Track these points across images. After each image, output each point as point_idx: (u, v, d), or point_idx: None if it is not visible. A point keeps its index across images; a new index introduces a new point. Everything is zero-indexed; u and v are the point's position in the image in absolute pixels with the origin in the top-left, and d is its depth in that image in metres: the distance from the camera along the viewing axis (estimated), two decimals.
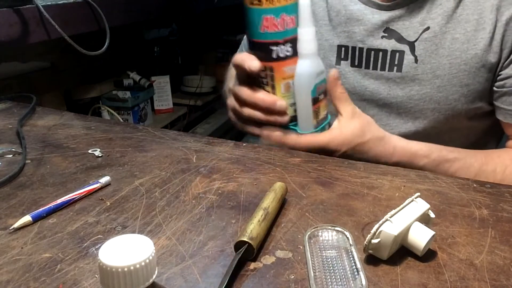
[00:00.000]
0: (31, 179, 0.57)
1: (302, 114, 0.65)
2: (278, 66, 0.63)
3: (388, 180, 0.57)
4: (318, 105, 0.65)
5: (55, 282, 0.39)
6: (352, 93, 0.77)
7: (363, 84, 0.76)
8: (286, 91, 0.65)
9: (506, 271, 0.41)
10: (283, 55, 0.62)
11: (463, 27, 0.69)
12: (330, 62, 0.78)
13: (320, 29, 0.78)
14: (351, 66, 0.77)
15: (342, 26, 0.77)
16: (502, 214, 0.50)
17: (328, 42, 0.78)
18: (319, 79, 0.64)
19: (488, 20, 0.68)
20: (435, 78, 0.71)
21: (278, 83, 0.64)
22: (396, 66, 0.73)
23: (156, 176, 0.58)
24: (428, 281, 0.39)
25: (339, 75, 0.65)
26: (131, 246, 0.26)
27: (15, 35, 0.96)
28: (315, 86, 0.63)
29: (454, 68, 0.70)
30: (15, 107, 0.84)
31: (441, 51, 0.70)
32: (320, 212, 0.50)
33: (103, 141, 0.68)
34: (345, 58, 0.77)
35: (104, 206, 0.51)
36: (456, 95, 0.71)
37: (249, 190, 0.54)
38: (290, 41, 0.62)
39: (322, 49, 0.77)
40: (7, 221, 0.47)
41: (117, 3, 1.27)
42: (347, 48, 0.77)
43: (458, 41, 0.70)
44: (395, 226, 0.40)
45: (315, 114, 0.65)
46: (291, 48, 0.62)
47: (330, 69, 0.66)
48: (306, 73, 0.63)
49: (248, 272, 0.40)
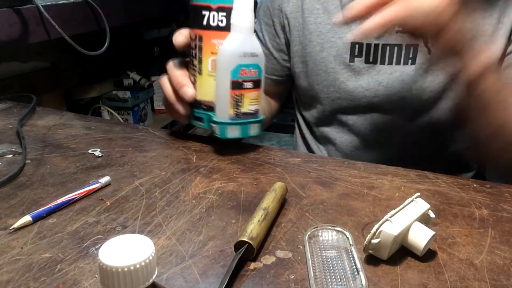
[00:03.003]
0: (31, 179, 0.57)
1: (218, 97, 0.59)
2: (208, 36, 0.58)
3: (388, 180, 0.57)
4: (240, 92, 0.58)
5: (55, 282, 0.39)
6: (365, 89, 0.77)
7: (377, 79, 0.76)
8: (214, 70, 0.59)
9: (506, 271, 0.41)
10: (215, 24, 0.57)
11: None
12: (343, 60, 0.78)
13: (334, 27, 0.78)
14: (365, 63, 0.77)
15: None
16: (502, 214, 0.50)
17: (342, 40, 0.78)
18: (246, 61, 0.57)
19: (495, 6, 0.69)
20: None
21: (206, 56, 0.59)
22: (410, 60, 0.74)
23: (156, 176, 0.58)
24: (428, 281, 0.39)
25: None
26: (131, 246, 0.26)
27: (15, 35, 0.96)
28: (239, 67, 0.57)
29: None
30: (15, 107, 0.84)
31: None
32: (320, 212, 0.50)
33: (103, 141, 0.68)
34: (359, 55, 0.77)
35: (104, 206, 0.51)
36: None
37: (249, 190, 0.54)
38: (225, 10, 0.56)
39: (335, 46, 0.78)
40: (7, 221, 0.47)
41: (117, 3, 1.27)
42: (361, 45, 0.76)
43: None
44: (395, 226, 0.40)
45: (235, 103, 0.58)
46: (225, 18, 0.57)
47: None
48: (230, 48, 0.56)
49: (248, 272, 0.40)
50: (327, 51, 0.78)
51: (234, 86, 0.57)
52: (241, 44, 0.56)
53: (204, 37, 0.58)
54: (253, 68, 0.58)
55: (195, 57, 0.60)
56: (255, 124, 0.62)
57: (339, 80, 0.78)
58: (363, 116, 0.80)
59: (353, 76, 0.77)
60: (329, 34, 0.78)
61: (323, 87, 0.80)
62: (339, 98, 0.80)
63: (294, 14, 0.81)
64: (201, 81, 0.61)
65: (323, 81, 0.80)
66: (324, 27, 0.79)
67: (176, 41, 0.61)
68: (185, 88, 0.61)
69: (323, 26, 0.79)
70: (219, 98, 0.58)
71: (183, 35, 0.61)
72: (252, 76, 0.58)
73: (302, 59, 0.82)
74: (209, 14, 0.57)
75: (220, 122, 0.60)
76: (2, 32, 0.92)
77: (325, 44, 0.78)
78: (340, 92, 0.79)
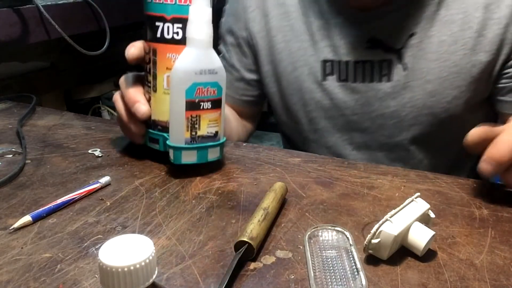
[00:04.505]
0: (31, 179, 0.57)
1: (172, 119, 0.53)
2: (162, 50, 0.53)
3: (388, 180, 0.57)
4: (196, 113, 0.53)
5: (55, 282, 0.39)
6: (343, 108, 0.74)
7: (353, 98, 0.73)
8: (169, 87, 0.53)
9: (506, 271, 0.41)
10: (170, 36, 0.52)
11: (449, 28, 0.68)
12: (316, 78, 0.75)
13: (303, 44, 0.75)
14: (338, 81, 0.74)
15: (325, 40, 0.73)
16: (502, 214, 0.50)
17: (313, 58, 0.74)
18: (203, 79, 0.52)
19: (474, 18, 0.66)
20: (426, 83, 0.70)
21: (161, 72, 0.54)
22: (385, 76, 0.71)
23: (156, 176, 0.58)
24: (428, 281, 0.39)
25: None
26: (131, 246, 0.26)
27: (15, 35, 0.96)
28: (194, 85, 0.51)
29: (444, 71, 0.69)
30: (15, 107, 0.84)
31: (429, 55, 0.69)
32: (320, 212, 0.50)
33: (103, 141, 0.68)
34: (331, 73, 0.74)
35: (104, 206, 0.51)
36: (449, 98, 0.70)
37: (249, 190, 0.54)
38: (181, 22, 0.52)
39: (306, 65, 0.75)
40: (7, 221, 0.47)
41: (117, 3, 1.27)
42: (333, 63, 0.73)
43: (445, 43, 0.68)
44: (395, 226, 0.40)
45: (191, 125, 0.53)
46: (181, 30, 0.52)
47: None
48: (184, 64, 0.51)
49: (248, 272, 0.40)
50: (299, 70, 0.76)
51: (189, 107, 0.52)
52: (197, 60, 0.51)
53: (158, 50, 0.54)
54: (212, 87, 0.53)
55: (149, 72, 0.55)
56: (215, 148, 0.57)
57: (315, 99, 0.76)
58: (342, 137, 0.78)
59: (328, 95, 0.75)
60: (299, 52, 0.75)
61: (300, 107, 0.78)
62: (317, 117, 0.77)
63: (261, 34, 0.78)
64: (156, 99, 0.56)
65: (299, 101, 0.77)
66: (293, 45, 0.76)
67: (128, 54, 0.56)
68: (137, 104, 0.56)
69: (292, 45, 0.76)
70: (173, 120, 0.53)
71: (136, 47, 0.57)
72: (211, 95, 0.53)
73: (275, 78, 0.79)
74: (163, 26, 0.52)
75: (174, 146, 0.54)
76: (2, 32, 0.92)
77: (297, 63, 0.75)
78: (317, 111, 0.77)
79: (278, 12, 0.77)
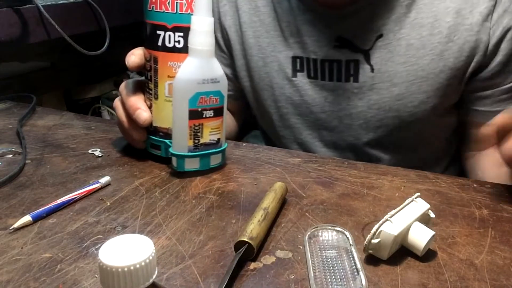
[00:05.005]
0: (31, 179, 0.57)
1: (175, 128, 0.54)
2: (164, 58, 0.54)
3: (388, 180, 0.57)
4: (199, 122, 0.53)
5: (55, 282, 0.39)
6: (312, 105, 0.74)
7: (322, 95, 0.73)
8: (171, 94, 0.54)
9: (506, 271, 0.41)
10: (171, 45, 0.53)
11: (418, 32, 0.66)
12: (286, 75, 0.74)
13: (273, 40, 0.74)
14: (308, 78, 0.73)
15: (294, 37, 0.73)
16: (502, 214, 0.50)
17: (282, 54, 0.74)
18: (206, 88, 0.52)
19: (444, 23, 0.65)
20: (393, 86, 0.69)
21: (162, 80, 0.55)
22: (352, 76, 0.70)
23: (156, 176, 0.58)
24: (428, 281, 0.39)
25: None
26: (131, 246, 0.26)
27: (15, 35, 0.96)
28: (197, 95, 0.52)
29: (411, 75, 0.67)
30: (15, 107, 0.84)
31: (396, 58, 0.68)
32: (320, 212, 0.50)
33: (103, 141, 0.68)
34: (301, 70, 0.73)
35: (104, 206, 0.51)
36: (416, 103, 0.69)
37: (249, 190, 0.54)
38: (182, 31, 0.52)
39: (276, 61, 0.74)
40: (7, 221, 0.47)
41: (117, 3, 1.27)
42: (302, 59, 0.73)
43: (413, 47, 0.67)
44: (395, 226, 0.40)
45: (193, 133, 0.54)
46: (183, 39, 0.52)
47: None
48: (186, 74, 0.51)
49: (248, 272, 0.40)
50: (269, 66, 0.75)
51: (192, 116, 0.52)
52: (200, 70, 0.51)
53: (159, 59, 0.54)
54: (214, 95, 0.53)
55: (150, 80, 0.56)
56: (217, 155, 0.58)
57: (285, 95, 0.75)
58: (312, 134, 0.77)
59: (297, 91, 0.74)
60: (269, 48, 0.75)
61: (271, 102, 0.78)
62: (287, 114, 0.77)
63: (233, 28, 0.78)
64: (157, 106, 0.57)
65: (270, 97, 0.77)
66: (263, 40, 0.75)
67: (129, 63, 0.56)
68: (138, 111, 0.56)
69: (262, 40, 0.75)
70: (176, 129, 0.53)
71: (136, 55, 0.57)
72: (213, 104, 0.53)
73: (247, 73, 0.79)
74: (165, 34, 0.52)
75: (177, 154, 0.55)
76: (2, 32, 0.92)
77: (267, 58, 0.75)
78: (287, 107, 0.76)
79: (249, 7, 0.77)
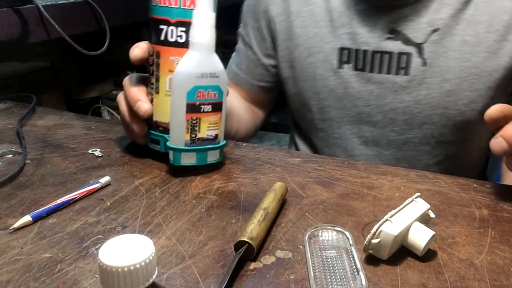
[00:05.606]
0: (31, 179, 0.57)
1: (173, 121, 0.54)
2: (165, 53, 0.54)
3: (388, 180, 0.57)
4: (196, 116, 0.54)
5: (55, 282, 0.39)
6: (356, 98, 0.74)
7: (368, 88, 0.73)
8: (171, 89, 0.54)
9: (506, 271, 0.41)
10: (173, 39, 0.53)
11: (474, 29, 0.66)
12: (331, 66, 0.74)
13: (320, 31, 0.75)
14: (354, 70, 0.73)
15: (346, 27, 0.73)
16: (502, 214, 0.50)
17: (330, 45, 0.74)
18: (204, 83, 0.53)
19: (501, 21, 0.66)
20: (444, 82, 0.68)
21: (163, 75, 0.55)
22: (403, 70, 0.70)
23: (156, 176, 0.58)
24: (428, 281, 0.39)
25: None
26: (131, 246, 0.26)
27: (15, 35, 0.96)
28: (195, 88, 0.52)
29: (464, 71, 0.67)
30: (15, 107, 0.84)
31: (450, 53, 0.67)
32: (320, 212, 0.50)
33: (103, 141, 0.68)
34: (348, 61, 0.73)
35: (104, 206, 0.51)
36: (465, 101, 0.68)
37: (249, 190, 0.54)
38: (185, 25, 0.53)
39: (322, 51, 0.74)
40: (7, 221, 0.47)
41: (117, 3, 1.27)
42: (350, 51, 0.72)
43: (468, 43, 0.67)
44: (395, 226, 0.40)
45: (191, 127, 0.54)
46: (185, 34, 0.53)
47: None
48: (185, 67, 0.52)
49: (248, 272, 0.40)
50: (314, 57, 0.75)
51: (190, 110, 0.53)
52: (199, 64, 0.52)
53: (161, 53, 0.55)
54: (212, 90, 0.54)
55: (152, 74, 0.57)
56: (215, 151, 0.57)
57: (328, 87, 0.75)
58: (351, 129, 0.77)
59: (342, 83, 0.74)
60: (316, 39, 0.75)
61: (312, 94, 0.77)
62: (328, 106, 0.76)
63: (280, 17, 0.78)
64: (158, 100, 0.57)
65: (312, 88, 0.77)
66: (310, 31, 0.75)
67: (132, 55, 0.57)
68: (139, 103, 0.57)
69: (310, 30, 0.75)
70: (173, 122, 0.54)
71: (140, 49, 0.57)
72: (211, 98, 0.54)
73: (290, 64, 0.79)
74: (167, 29, 0.53)
75: (174, 148, 0.55)
76: (2, 32, 0.92)
77: (313, 49, 0.75)
78: (329, 99, 0.76)
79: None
